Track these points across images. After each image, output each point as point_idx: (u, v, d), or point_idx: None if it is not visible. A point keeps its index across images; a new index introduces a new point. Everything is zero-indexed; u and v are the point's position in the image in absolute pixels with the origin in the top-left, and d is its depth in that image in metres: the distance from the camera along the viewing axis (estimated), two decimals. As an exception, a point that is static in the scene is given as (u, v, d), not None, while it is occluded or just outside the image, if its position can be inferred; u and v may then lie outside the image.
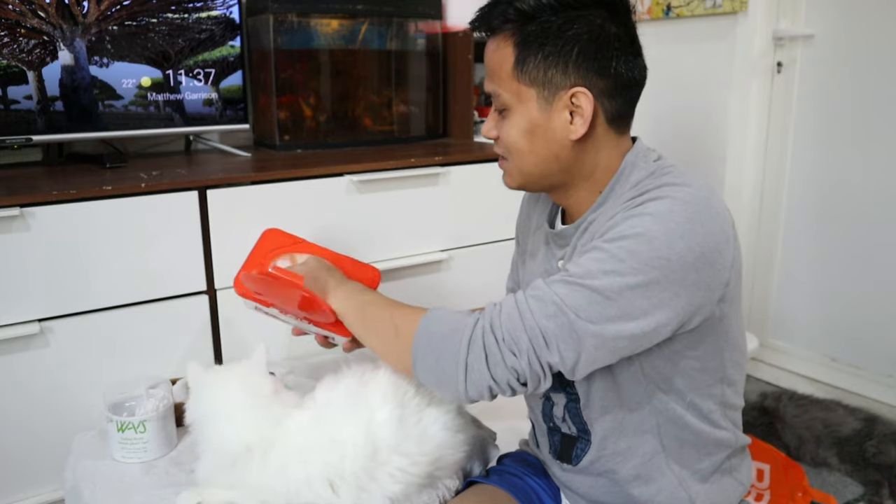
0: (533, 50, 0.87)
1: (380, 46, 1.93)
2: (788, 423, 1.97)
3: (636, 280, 0.78)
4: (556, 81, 0.87)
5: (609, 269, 0.79)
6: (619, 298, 0.78)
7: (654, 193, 0.82)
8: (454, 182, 1.72)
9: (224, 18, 1.72)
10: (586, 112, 0.87)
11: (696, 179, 0.84)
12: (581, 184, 0.93)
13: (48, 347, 1.30)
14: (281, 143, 1.83)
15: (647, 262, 0.78)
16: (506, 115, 0.92)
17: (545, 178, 0.93)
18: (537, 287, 0.83)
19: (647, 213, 0.80)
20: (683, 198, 0.81)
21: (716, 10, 2.28)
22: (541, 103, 0.88)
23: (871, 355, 2.20)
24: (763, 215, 2.41)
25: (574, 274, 0.81)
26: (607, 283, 0.78)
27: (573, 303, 0.79)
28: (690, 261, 0.79)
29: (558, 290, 0.81)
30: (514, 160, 0.93)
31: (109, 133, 1.63)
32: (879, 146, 2.10)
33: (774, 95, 2.32)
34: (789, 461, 1.77)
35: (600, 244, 0.81)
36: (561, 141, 0.89)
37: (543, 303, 0.81)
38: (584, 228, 0.91)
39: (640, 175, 0.88)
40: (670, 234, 0.78)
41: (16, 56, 1.48)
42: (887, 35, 2.04)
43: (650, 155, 0.93)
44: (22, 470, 1.32)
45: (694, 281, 0.79)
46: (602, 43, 0.86)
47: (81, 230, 1.30)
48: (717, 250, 0.81)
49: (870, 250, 2.16)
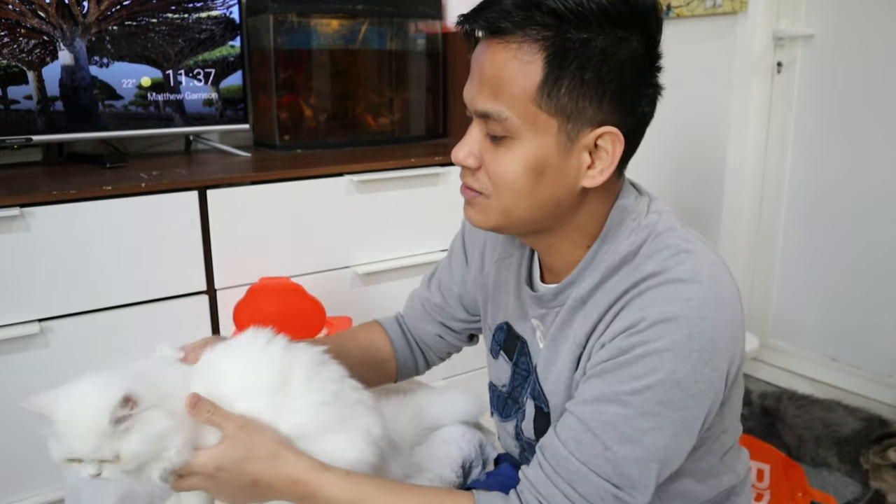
0: (569, 71, 0.69)
1: (380, 46, 1.93)
2: (788, 423, 1.97)
3: (676, 427, 0.72)
4: (587, 115, 0.71)
5: (647, 428, 0.71)
6: (665, 450, 0.73)
7: (661, 308, 0.70)
8: (454, 182, 1.72)
9: (224, 18, 1.72)
10: (612, 156, 0.73)
11: (700, 261, 0.73)
12: (568, 234, 0.79)
13: (48, 347, 1.30)
14: (281, 143, 1.83)
15: (682, 405, 0.71)
16: (504, 145, 0.73)
17: (530, 224, 0.77)
18: (578, 471, 0.72)
19: (664, 350, 0.69)
20: (698, 313, 0.69)
21: (716, 10, 2.28)
22: (560, 138, 0.71)
23: (871, 355, 2.20)
24: (763, 215, 2.41)
25: (608, 441, 0.71)
26: (651, 444, 0.71)
27: (625, 480, 0.72)
28: (716, 378, 0.73)
29: (603, 471, 0.72)
30: (500, 199, 0.75)
31: (109, 133, 1.64)
32: (879, 146, 2.10)
33: (774, 95, 2.32)
34: (789, 461, 1.77)
35: (622, 396, 0.71)
36: (570, 186, 0.74)
37: (596, 489, 0.72)
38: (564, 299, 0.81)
39: (631, 243, 0.76)
40: (696, 367, 0.70)
41: (16, 56, 1.48)
42: (887, 35, 2.04)
43: (638, 203, 0.79)
44: (22, 470, 1.32)
45: (717, 388, 0.74)
46: (639, 76, 0.72)
47: (81, 230, 1.30)
48: (736, 347, 0.74)
49: (870, 250, 2.15)
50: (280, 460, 0.73)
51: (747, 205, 2.39)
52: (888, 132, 2.07)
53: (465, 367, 1.80)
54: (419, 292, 1.08)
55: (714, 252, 0.77)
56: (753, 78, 2.27)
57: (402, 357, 1.08)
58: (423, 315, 1.07)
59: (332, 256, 1.61)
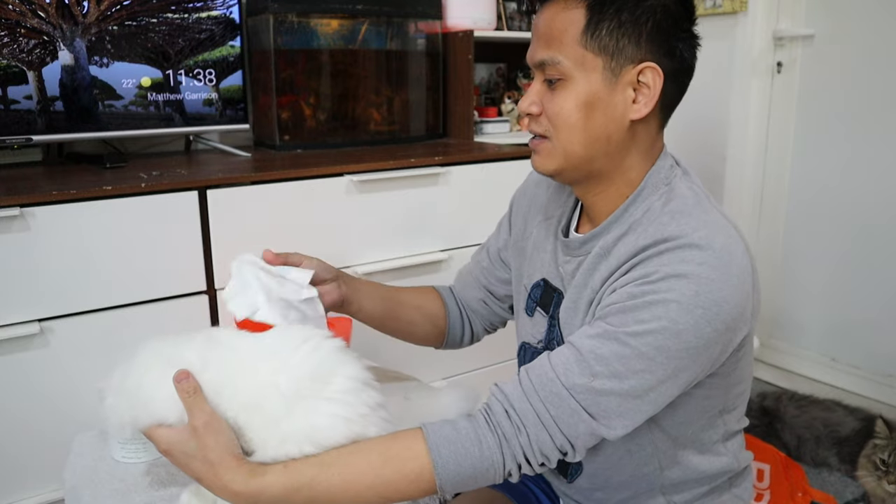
0: (608, 14, 0.79)
1: (380, 46, 1.93)
2: (788, 423, 1.97)
3: (666, 373, 0.76)
4: (628, 53, 0.80)
5: (639, 369, 0.75)
6: (649, 393, 0.76)
7: (675, 266, 0.75)
8: (454, 182, 1.72)
9: (224, 18, 1.72)
10: (654, 90, 0.81)
11: (717, 231, 0.78)
12: (615, 180, 0.86)
13: (48, 347, 1.30)
14: (281, 143, 1.83)
15: (677, 356, 0.75)
16: (559, 87, 0.82)
17: (588, 163, 0.84)
18: (558, 394, 0.76)
19: (671, 301, 0.74)
20: (708, 275, 0.74)
21: (716, 10, 2.28)
22: (606, 74, 0.81)
23: (871, 355, 2.20)
24: (763, 215, 2.41)
25: (598, 374, 0.75)
26: (637, 384, 0.75)
27: (602, 410, 0.76)
28: (716, 338, 0.76)
29: (584, 398, 0.76)
30: (560, 137, 0.84)
31: (109, 133, 1.63)
32: (879, 146, 2.10)
33: (774, 95, 2.32)
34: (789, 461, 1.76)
35: (622, 335, 0.75)
36: (619, 120, 0.82)
37: (570, 415, 0.76)
38: (590, 248, 0.87)
39: (661, 203, 0.83)
40: (698, 322, 0.74)
41: (16, 56, 1.48)
42: (887, 35, 2.04)
43: (673, 171, 0.87)
44: (22, 470, 1.32)
45: (717, 350, 0.78)
46: (674, 20, 0.81)
47: (81, 230, 1.30)
48: (740, 317, 0.78)
49: (870, 250, 2.16)
50: (221, 468, 0.74)
51: (747, 205, 2.39)
52: (888, 132, 2.07)
53: (465, 367, 1.80)
54: (469, 264, 1.16)
55: (735, 228, 0.82)
56: (753, 78, 2.28)
57: (452, 322, 1.13)
58: (470, 282, 1.14)
59: (332, 256, 1.60)
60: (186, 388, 0.77)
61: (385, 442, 0.78)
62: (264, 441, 0.77)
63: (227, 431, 0.76)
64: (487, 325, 1.15)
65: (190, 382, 0.77)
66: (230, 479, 0.74)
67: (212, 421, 0.76)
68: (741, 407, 0.93)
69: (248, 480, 0.74)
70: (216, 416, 0.76)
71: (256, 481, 0.74)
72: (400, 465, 0.75)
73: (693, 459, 0.89)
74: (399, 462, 0.76)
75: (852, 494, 1.80)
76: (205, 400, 0.77)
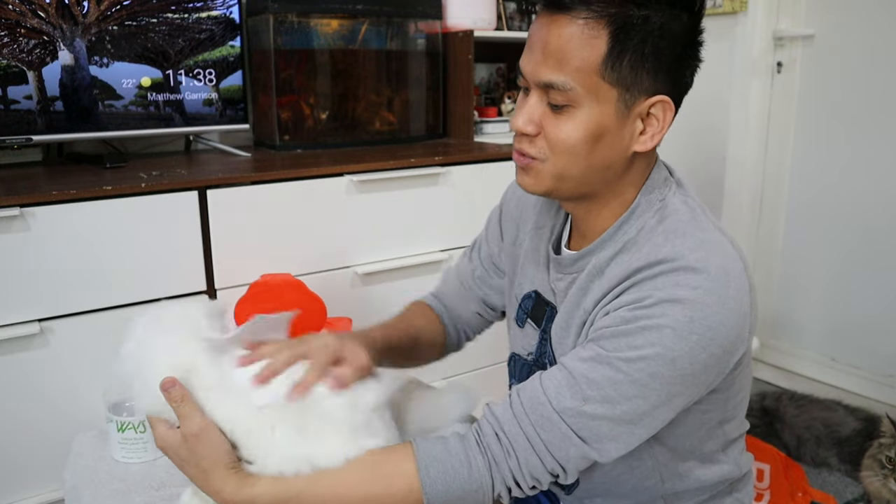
0: (631, 45, 0.73)
1: (380, 46, 1.93)
2: (788, 423, 1.97)
3: (660, 399, 0.74)
4: (643, 86, 0.76)
5: (632, 395, 0.73)
6: (644, 418, 0.75)
7: (669, 291, 0.73)
8: (454, 182, 1.72)
9: (224, 18, 1.72)
10: (662, 123, 0.78)
11: (713, 252, 0.76)
12: (609, 201, 0.83)
13: (48, 347, 1.30)
14: (281, 143, 1.83)
15: (671, 382, 0.73)
16: (566, 113, 0.76)
17: (581, 188, 0.81)
18: (549, 418, 0.74)
19: (665, 326, 0.72)
20: (703, 300, 0.72)
21: (716, 10, 2.28)
22: (619, 107, 0.76)
23: (871, 355, 2.20)
24: (763, 215, 2.41)
25: (590, 398, 0.73)
26: (630, 410, 0.74)
27: (593, 435, 0.74)
28: (712, 363, 0.74)
29: (574, 423, 0.74)
30: (557, 163, 0.78)
31: (109, 133, 1.63)
32: (879, 146, 2.10)
33: (774, 95, 2.32)
34: (789, 461, 1.77)
35: (615, 360, 0.73)
36: (623, 150, 0.78)
37: (561, 439, 0.75)
38: (583, 266, 0.85)
39: (655, 222, 0.80)
40: (693, 349, 0.72)
41: (16, 56, 1.48)
42: (887, 35, 2.04)
43: (667, 185, 0.84)
44: (22, 470, 1.32)
45: (713, 373, 0.76)
46: (688, 49, 0.78)
47: (81, 230, 1.30)
48: (738, 339, 0.76)
49: (870, 250, 2.16)
50: (212, 476, 0.74)
51: (747, 205, 2.39)
52: (888, 132, 2.07)
53: (465, 367, 1.80)
54: (459, 268, 1.12)
55: (732, 244, 0.79)
56: (753, 78, 2.28)
57: (449, 340, 1.11)
58: (462, 293, 1.10)
59: (332, 256, 1.61)
60: (175, 396, 0.75)
61: (376, 457, 0.77)
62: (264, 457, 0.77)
63: (220, 441, 0.75)
64: (479, 331, 1.14)
65: (178, 391, 0.75)
66: (220, 488, 0.74)
67: (203, 430, 0.75)
68: (740, 414, 0.92)
69: (239, 490, 0.74)
70: (209, 426, 0.75)
71: (246, 491, 0.74)
72: (389, 482, 0.75)
73: (694, 470, 0.88)
74: (388, 479, 0.75)
75: (852, 494, 1.80)
76: (195, 407, 0.75)
